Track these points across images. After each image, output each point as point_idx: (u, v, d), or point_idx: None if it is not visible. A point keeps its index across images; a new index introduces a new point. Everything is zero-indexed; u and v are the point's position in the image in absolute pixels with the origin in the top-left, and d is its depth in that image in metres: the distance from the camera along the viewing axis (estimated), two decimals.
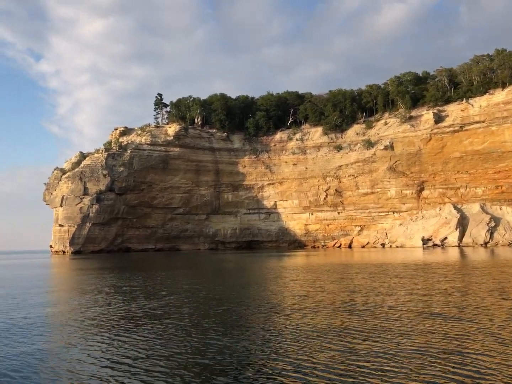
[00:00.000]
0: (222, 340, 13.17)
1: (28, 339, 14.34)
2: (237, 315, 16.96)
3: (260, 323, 15.31)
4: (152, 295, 23.80)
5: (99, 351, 12.57)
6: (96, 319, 16.92)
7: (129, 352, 12.38)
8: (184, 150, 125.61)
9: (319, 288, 25.16)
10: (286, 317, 15.89)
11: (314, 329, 14.19)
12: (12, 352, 12.88)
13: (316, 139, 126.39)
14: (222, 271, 41.49)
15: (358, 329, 14.26)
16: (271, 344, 12.63)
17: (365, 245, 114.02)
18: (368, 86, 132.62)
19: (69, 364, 11.42)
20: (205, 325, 15.34)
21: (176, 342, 13.26)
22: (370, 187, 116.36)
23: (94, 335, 14.36)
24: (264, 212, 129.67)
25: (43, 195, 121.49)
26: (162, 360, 11.59)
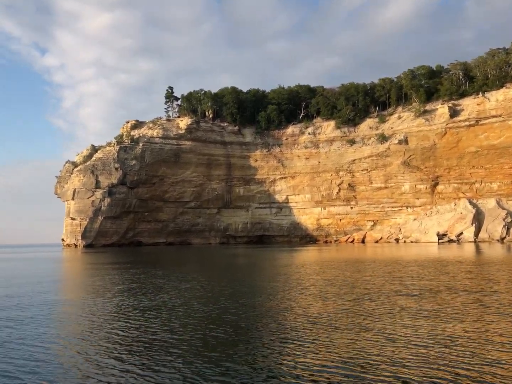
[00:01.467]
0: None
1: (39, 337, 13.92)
2: (250, 317, 16.19)
3: (271, 331, 14.47)
4: (167, 290, 23.09)
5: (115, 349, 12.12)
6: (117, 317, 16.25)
7: (148, 353, 11.90)
8: (195, 143, 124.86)
9: (344, 289, 24.26)
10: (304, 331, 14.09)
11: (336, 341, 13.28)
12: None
13: (329, 133, 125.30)
14: (234, 267, 40.77)
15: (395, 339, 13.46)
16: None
17: (379, 240, 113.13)
18: (381, 80, 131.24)
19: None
20: (226, 325, 14.62)
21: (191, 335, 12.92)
22: (383, 182, 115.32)
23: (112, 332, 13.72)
24: (275, 206, 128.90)
25: (55, 188, 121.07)
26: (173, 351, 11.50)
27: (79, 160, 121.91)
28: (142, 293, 22.46)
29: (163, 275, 32.91)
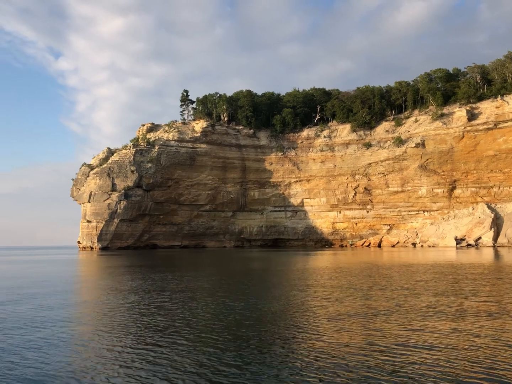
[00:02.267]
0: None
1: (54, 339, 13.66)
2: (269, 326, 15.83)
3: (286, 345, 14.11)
4: (184, 295, 22.80)
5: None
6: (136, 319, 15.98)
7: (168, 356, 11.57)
8: (211, 146, 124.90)
9: (372, 299, 23.62)
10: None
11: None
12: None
13: (345, 136, 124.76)
14: (252, 271, 40.32)
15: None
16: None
17: (395, 245, 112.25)
18: (397, 83, 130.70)
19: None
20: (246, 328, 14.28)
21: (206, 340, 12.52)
22: (400, 186, 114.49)
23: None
24: (290, 209, 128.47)
25: (71, 190, 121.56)
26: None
27: (95, 163, 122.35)
28: (168, 296, 22.20)
29: (186, 278, 32.66)
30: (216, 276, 34.56)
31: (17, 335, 14.12)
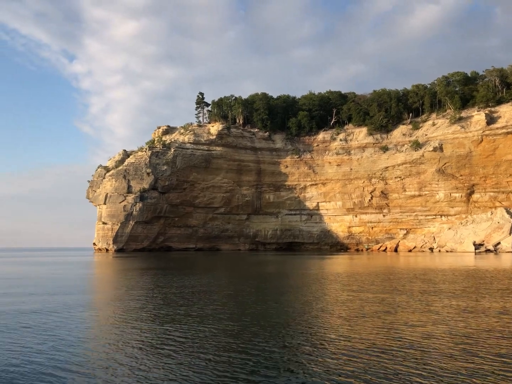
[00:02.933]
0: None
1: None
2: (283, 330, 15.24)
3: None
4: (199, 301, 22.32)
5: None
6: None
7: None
8: (226, 149, 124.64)
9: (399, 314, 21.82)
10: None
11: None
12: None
13: (361, 139, 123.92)
14: (269, 276, 39.71)
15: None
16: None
17: (412, 249, 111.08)
18: (414, 86, 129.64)
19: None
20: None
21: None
22: (417, 190, 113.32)
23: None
24: (306, 213, 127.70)
25: (87, 192, 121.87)
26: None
27: (111, 164, 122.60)
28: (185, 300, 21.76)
29: (209, 282, 32.23)
30: (237, 280, 34.11)
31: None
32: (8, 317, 17.58)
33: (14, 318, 17.20)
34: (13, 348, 12.72)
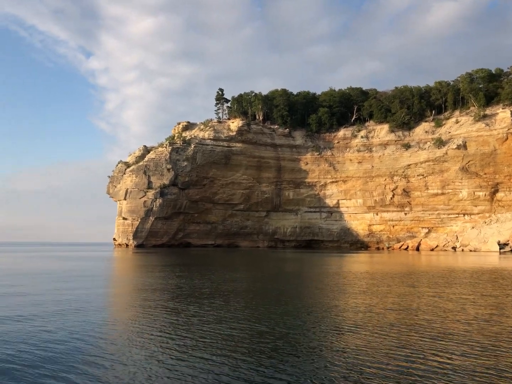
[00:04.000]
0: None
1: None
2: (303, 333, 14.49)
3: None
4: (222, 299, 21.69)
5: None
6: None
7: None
8: (246, 145, 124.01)
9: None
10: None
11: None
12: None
13: (382, 136, 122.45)
14: (292, 274, 39.04)
15: None
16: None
17: (434, 248, 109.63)
18: (436, 83, 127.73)
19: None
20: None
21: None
22: (440, 188, 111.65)
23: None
24: (326, 211, 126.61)
25: (107, 188, 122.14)
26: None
27: (132, 160, 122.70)
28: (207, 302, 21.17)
29: (232, 280, 31.67)
30: (260, 278, 33.52)
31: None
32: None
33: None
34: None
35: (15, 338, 13.05)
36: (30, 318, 16.13)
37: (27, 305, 18.90)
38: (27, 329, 14.29)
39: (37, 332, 13.89)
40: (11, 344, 12.44)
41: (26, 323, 15.17)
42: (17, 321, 15.60)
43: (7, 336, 13.30)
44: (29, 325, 14.92)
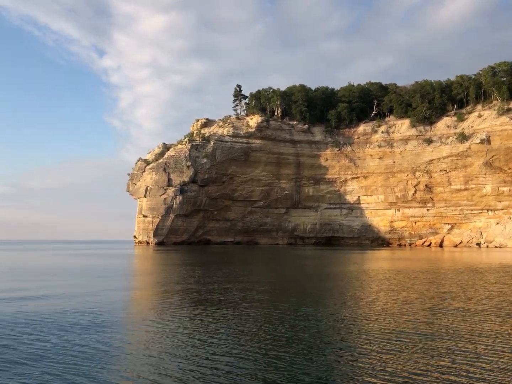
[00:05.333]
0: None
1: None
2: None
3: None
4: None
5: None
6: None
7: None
8: (265, 142, 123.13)
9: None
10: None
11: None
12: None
13: (404, 131, 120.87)
14: (317, 274, 38.18)
15: None
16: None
17: (458, 245, 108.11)
18: (458, 77, 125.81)
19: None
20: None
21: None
22: (463, 183, 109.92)
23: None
24: (346, 207, 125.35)
25: (127, 185, 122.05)
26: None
27: (151, 157, 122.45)
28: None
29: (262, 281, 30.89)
30: (287, 278, 32.71)
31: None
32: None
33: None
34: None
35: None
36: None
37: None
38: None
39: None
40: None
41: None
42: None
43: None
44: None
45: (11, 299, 20.37)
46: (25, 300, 20.05)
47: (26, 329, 14.12)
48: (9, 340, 12.93)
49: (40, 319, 15.64)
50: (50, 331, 13.86)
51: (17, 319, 15.65)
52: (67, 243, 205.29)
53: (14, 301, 19.74)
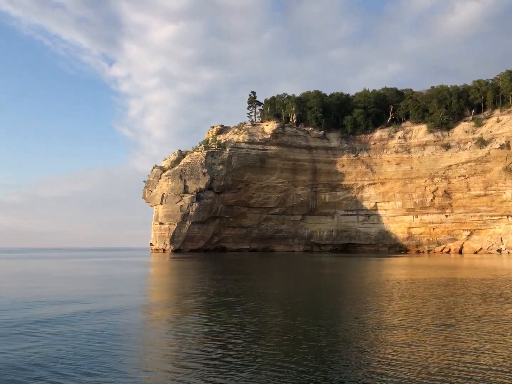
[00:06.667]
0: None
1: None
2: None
3: None
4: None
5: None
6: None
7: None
8: (281, 148, 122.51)
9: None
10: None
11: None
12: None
13: (421, 137, 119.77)
14: (340, 284, 37.18)
15: None
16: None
17: (478, 251, 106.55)
18: (475, 82, 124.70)
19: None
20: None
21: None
22: (483, 189, 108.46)
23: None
24: (363, 213, 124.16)
25: (143, 192, 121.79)
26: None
27: (167, 165, 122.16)
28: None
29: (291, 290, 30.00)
30: (314, 292, 31.83)
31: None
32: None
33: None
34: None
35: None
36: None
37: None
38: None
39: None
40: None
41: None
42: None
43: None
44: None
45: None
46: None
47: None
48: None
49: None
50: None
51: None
52: (81, 251, 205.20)
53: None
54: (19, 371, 10.45)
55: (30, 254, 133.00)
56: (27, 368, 10.73)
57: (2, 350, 12.36)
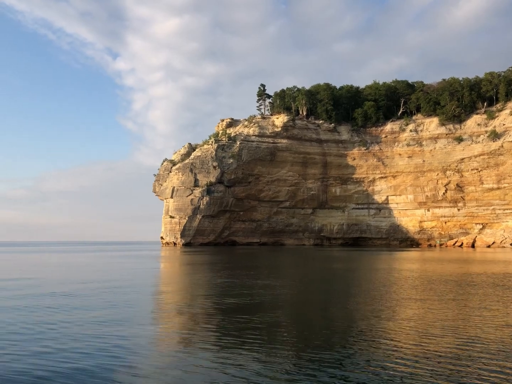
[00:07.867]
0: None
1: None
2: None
3: None
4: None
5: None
6: None
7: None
8: (291, 141, 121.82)
9: None
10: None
11: None
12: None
13: (432, 130, 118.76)
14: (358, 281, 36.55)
15: None
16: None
17: (491, 245, 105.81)
18: (487, 74, 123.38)
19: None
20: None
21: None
22: (496, 182, 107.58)
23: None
24: (374, 207, 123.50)
25: (153, 186, 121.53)
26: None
27: (177, 158, 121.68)
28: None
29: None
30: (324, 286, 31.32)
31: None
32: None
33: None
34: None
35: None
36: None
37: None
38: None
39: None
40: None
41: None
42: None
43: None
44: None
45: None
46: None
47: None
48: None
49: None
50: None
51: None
52: (91, 245, 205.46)
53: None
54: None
55: (40, 248, 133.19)
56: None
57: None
